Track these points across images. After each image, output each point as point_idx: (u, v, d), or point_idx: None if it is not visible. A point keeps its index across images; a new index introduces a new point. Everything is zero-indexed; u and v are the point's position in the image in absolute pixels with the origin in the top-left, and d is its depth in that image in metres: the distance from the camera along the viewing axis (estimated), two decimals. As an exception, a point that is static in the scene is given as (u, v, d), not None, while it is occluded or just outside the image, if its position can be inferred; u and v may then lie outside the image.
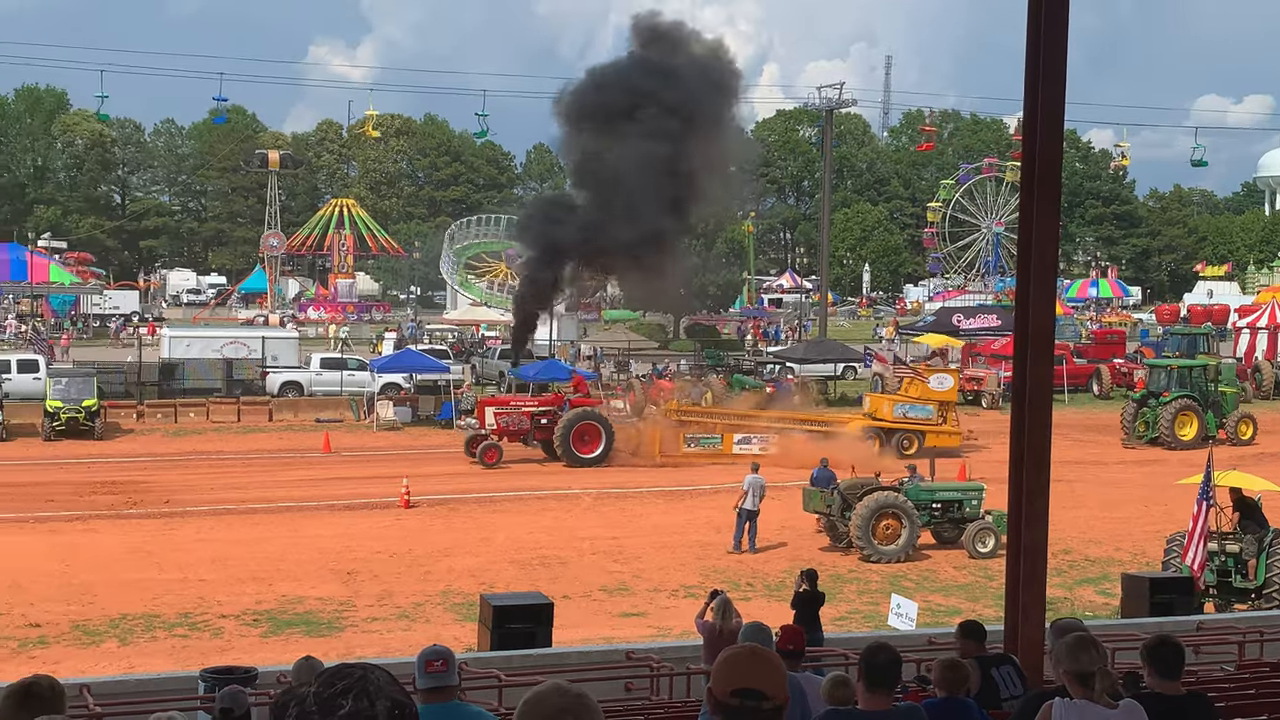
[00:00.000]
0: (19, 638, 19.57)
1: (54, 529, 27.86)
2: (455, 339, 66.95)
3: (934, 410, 40.23)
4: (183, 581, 23.10)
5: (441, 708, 5.65)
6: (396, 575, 24.02)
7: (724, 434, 39.25)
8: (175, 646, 19.37)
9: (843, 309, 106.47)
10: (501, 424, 37.98)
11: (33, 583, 22.65)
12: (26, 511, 29.45)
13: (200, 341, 51.52)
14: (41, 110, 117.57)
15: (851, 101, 77.80)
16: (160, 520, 29.02)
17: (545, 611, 15.61)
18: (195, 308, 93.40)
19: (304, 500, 31.50)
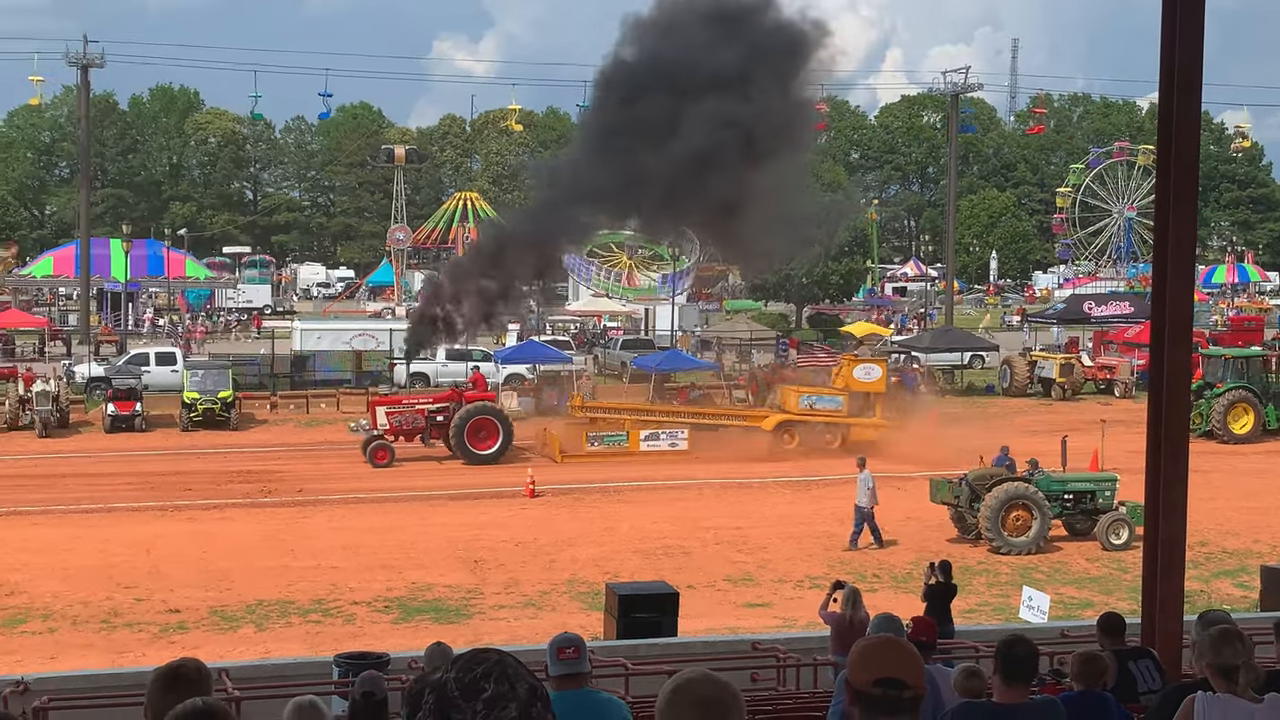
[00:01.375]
0: (160, 623, 20.18)
1: (192, 517, 28.67)
2: (577, 330, 67.34)
3: (843, 401, 38.40)
4: (316, 569, 23.61)
5: (574, 694, 5.68)
6: (522, 564, 24.26)
7: (630, 431, 37.69)
8: (309, 632, 19.81)
9: (969, 297, 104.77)
10: (394, 423, 36.60)
11: (172, 569, 23.35)
12: (166, 500, 30.37)
13: (330, 334, 52.57)
14: (175, 109, 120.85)
15: (977, 86, 76.54)
16: (293, 509, 29.69)
17: (670, 601, 15.63)
18: (325, 301, 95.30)
19: (432, 490, 31.98)
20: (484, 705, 2.79)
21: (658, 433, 37.63)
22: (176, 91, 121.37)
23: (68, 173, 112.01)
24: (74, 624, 20.10)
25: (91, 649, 18.72)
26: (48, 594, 21.59)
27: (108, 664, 17.37)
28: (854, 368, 39.84)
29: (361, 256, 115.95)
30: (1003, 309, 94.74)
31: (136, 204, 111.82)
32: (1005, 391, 50.44)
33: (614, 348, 56.13)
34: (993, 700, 5.97)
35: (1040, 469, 26.76)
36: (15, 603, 21.15)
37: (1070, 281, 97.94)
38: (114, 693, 11.86)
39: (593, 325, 69.67)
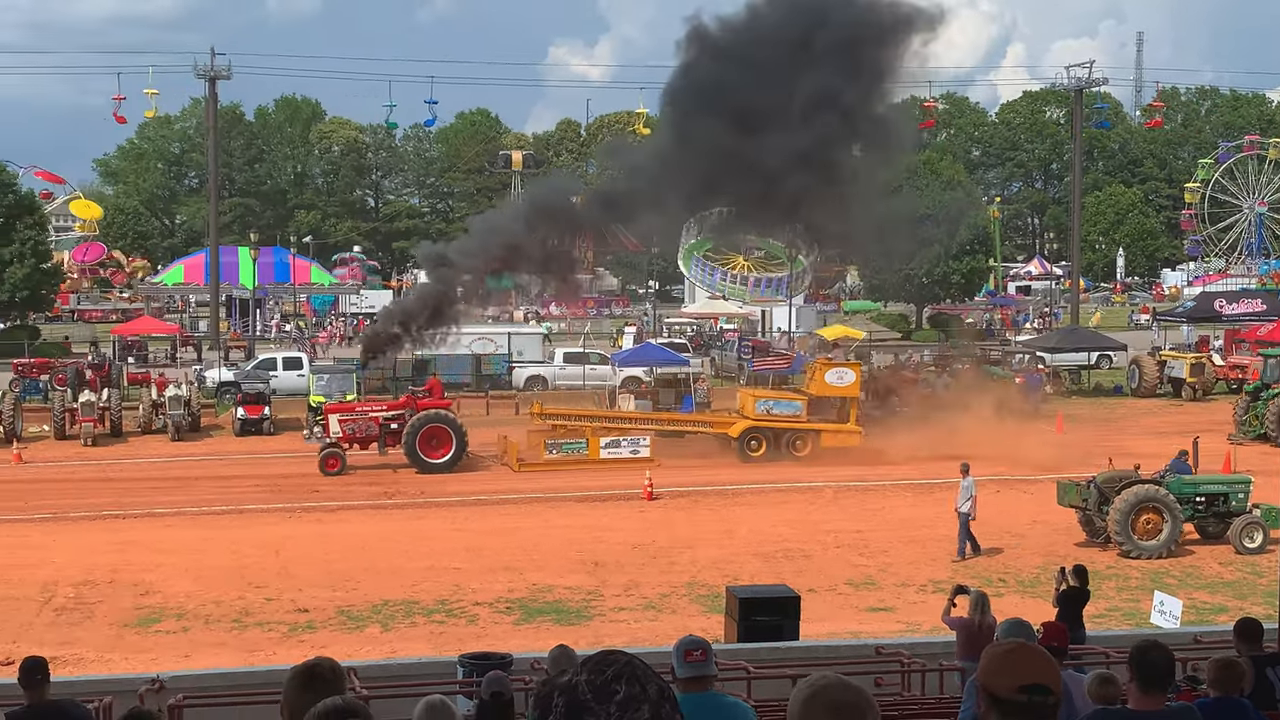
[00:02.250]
0: (289, 622, 20.59)
1: (319, 519, 29.23)
2: (694, 332, 67.35)
3: (801, 406, 37.09)
4: (438, 570, 23.90)
5: (700, 697, 5.65)
6: (641, 566, 24.29)
7: (590, 438, 36.52)
8: (433, 632, 20.06)
9: (1095, 295, 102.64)
10: (348, 431, 36.12)
11: (301, 570, 23.81)
12: (293, 502, 31.01)
13: (450, 338, 53.18)
14: (299, 119, 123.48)
15: (1101, 80, 74.92)
16: (416, 510, 30.13)
17: (792, 604, 15.52)
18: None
19: (551, 491, 32.18)
20: (617, 708, 2.79)
21: (619, 440, 36.46)
22: (300, 102, 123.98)
23: (196, 183, 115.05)
24: (207, 623, 20.60)
25: (224, 647, 19.16)
26: (181, 594, 22.17)
27: (240, 662, 17.78)
28: (826, 372, 38.22)
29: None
30: (1130, 307, 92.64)
31: (263, 212, 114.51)
32: (1134, 392, 49.26)
33: (731, 350, 55.97)
34: (1128, 707, 5.81)
35: (1185, 463, 26.12)
36: (150, 602, 21.74)
37: (1200, 279, 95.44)
38: (246, 691, 12.12)
39: (709, 327, 69.60)
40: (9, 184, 65.29)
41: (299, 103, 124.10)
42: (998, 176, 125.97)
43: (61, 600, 21.83)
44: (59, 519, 29.02)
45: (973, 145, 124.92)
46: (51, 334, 66.66)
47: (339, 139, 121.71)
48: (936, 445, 34.74)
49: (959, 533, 24.82)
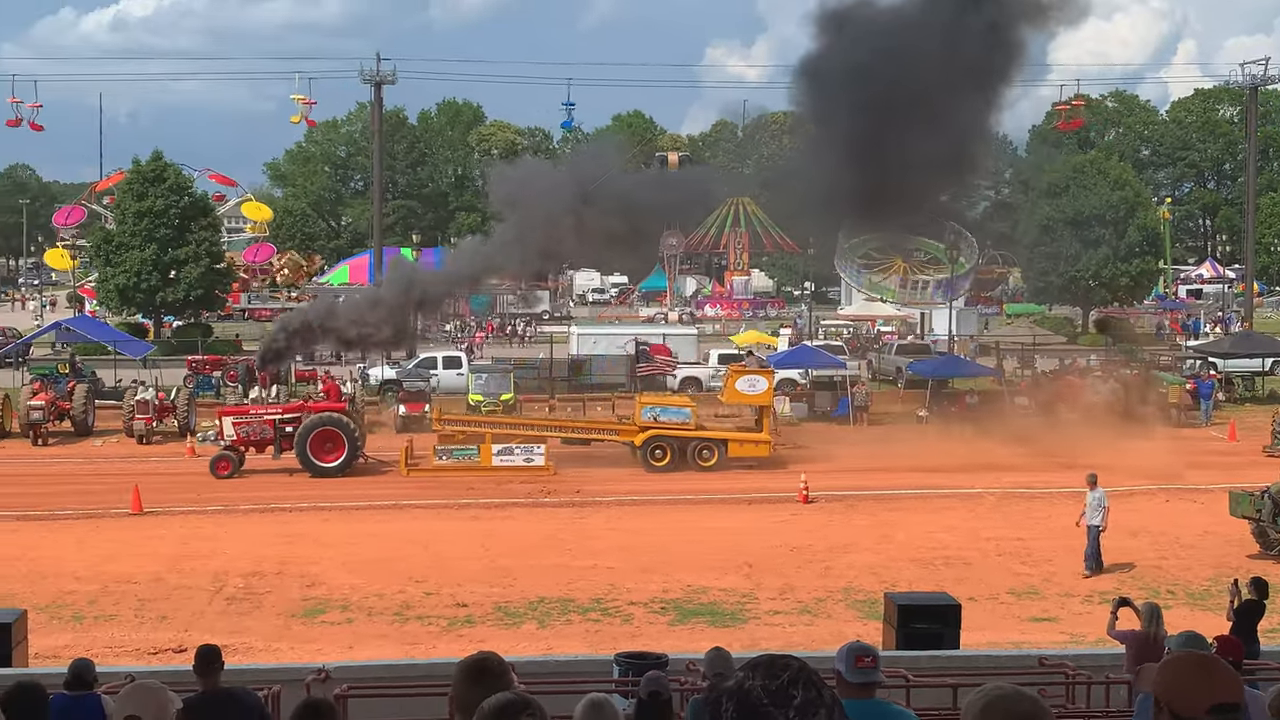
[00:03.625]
0: (449, 616, 20.92)
1: (475, 515, 29.68)
2: (851, 334, 66.68)
3: (690, 414, 36.08)
4: (594, 568, 24.05)
5: (865, 704, 5.54)
6: (797, 570, 24.11)
7: (481, 445, 35.48)
8: (589, 630, 20.18)
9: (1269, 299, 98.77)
10: (242, 434, 35.53)
11: (459, 565, 24.20)
12: (451, 498, 31.53)
13: (606, 338, 53.70)
14: (460, 122, 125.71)
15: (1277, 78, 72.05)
16: (572, 509, 30.37)
17: (952, 613, 15.22)
18: (600, 306, 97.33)
19: (705, 493, 32.15)
20: (796, 712, 2.80)
21: (512, 447, 35.52)
22: (461, 105, 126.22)
23: (361, 185, 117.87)
24: (369, 615, 21.05)
25: (386, 640, 19.57)
26: (345, 586, 22.70)
27: (401, 654, 18.15)
28: (737, 380, 37.18)
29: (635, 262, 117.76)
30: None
31: (424, 214, 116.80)
32: (1311, 400, 47.26)
33: (889, 353, 55.26)
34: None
35: None
36: (316, 594, 22.31)
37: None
38: (408, 683, 12.33)
39: (866, 330, 68.83)
40: (185, 187, 67.69)
41: (460, 106, 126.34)
42: (1168, 176, 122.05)
43: (232, 590, 22.54)
44: (229, 511, 29.99)
45: (1142, 144, 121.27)
46: (223, 332, 68.95)
47: (498, 142, 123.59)
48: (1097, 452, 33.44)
49: (1088, 547, 23.82)
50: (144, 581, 23.00)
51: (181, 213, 64.58)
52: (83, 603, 21.62)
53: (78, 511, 29.79)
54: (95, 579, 23.15)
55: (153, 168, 66.00)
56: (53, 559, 24.78)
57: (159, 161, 66.61)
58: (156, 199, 64.10)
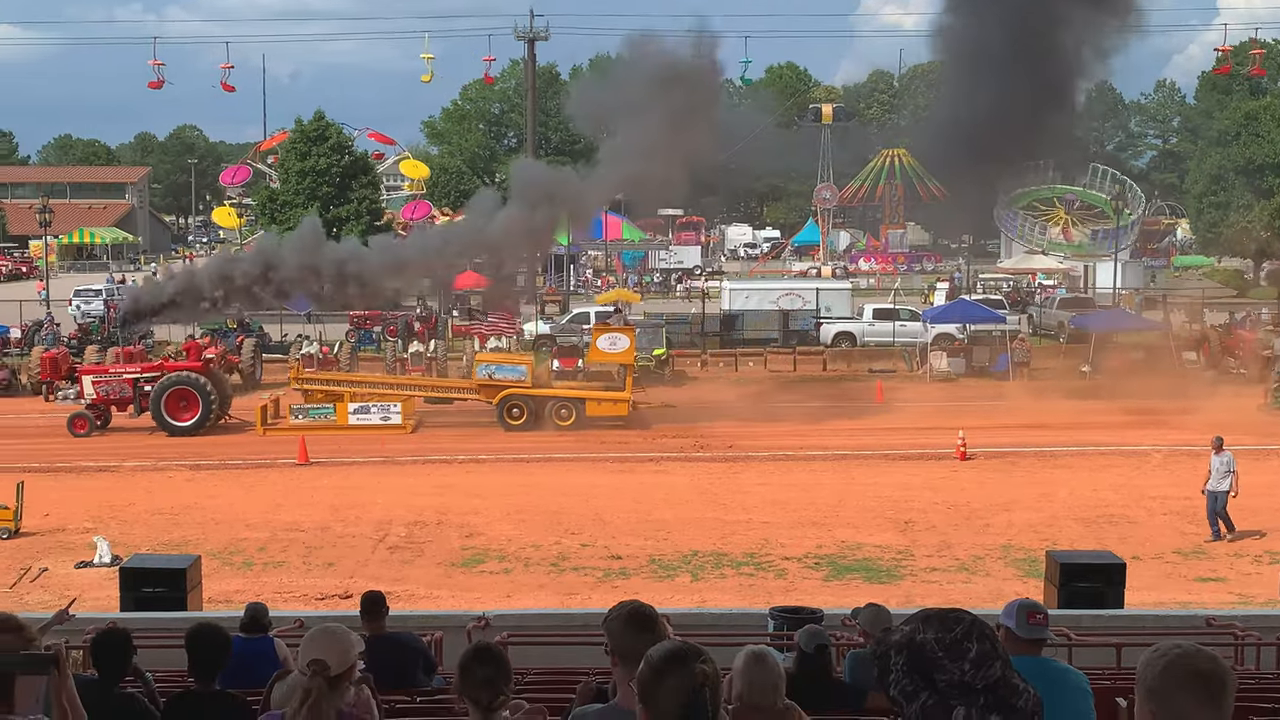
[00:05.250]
0: (603, 568, 21.16)
1: (629, 469, 29.90)
2: (1010, 288, 65.26)
3: (526, 371, 35.56)
4: (747, 523, 24.07)
5: (1034, 660, 5.45)
6: (954, 527, 23.79)
7: (337, 404, 35.23)
8: (742, 584, 20.22)
9: None
10: (101, 393, 35.42)
11: (613, 518, 24.44)
12: (606, 452, 31.81)
13: (758, 294, 53.47)
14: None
15: None
16: (724, 464, 30.40)
17: (1116, 571, 14.88)
18: (751, 261, 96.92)
19: (859, 449, 31.88)
20: (971, 665, 2.83)
21: (368, 406, 35.31)
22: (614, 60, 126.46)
23: (515, 142, 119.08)
24: (526, 566, 21.40)
25: (543, 590, 19.88)
26: (502, 537, 23.10)
27: (558, 604, 18.43)
28: (599, 337, 36.84)
29: (787, 217, 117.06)
30: None
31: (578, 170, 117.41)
32: None
33: (1050, 307, 53.97)
34: None
35: None
36: (474, 544, 22.75)
37: None
38: (564, 631, 12.51)
39: (1027, 283, 67.29)
40: (346, 146, 69.22)
41: (611, 62, 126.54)
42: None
43: (394, 539, 23.12)
44: (389, 463, 30.72)
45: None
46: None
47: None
48: None
49: (1211, 511, 22.72)
50: (310, 529, 23.74)
51: (343, 171, 66.08)
52: (253, 549, 22.40)
53: (248, 461, 30.84)
54: (265, 526, 23.97)
55: (315, 127, 67.62)
56: (225, 507, 25.73)
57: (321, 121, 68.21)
58: (319, 158, 65.72)
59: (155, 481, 28.81)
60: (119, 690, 6.29)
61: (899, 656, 2.96)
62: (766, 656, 4.86)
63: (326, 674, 4.57)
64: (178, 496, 26.95)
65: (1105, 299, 56.13)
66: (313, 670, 4.57)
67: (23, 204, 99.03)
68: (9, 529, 23.22)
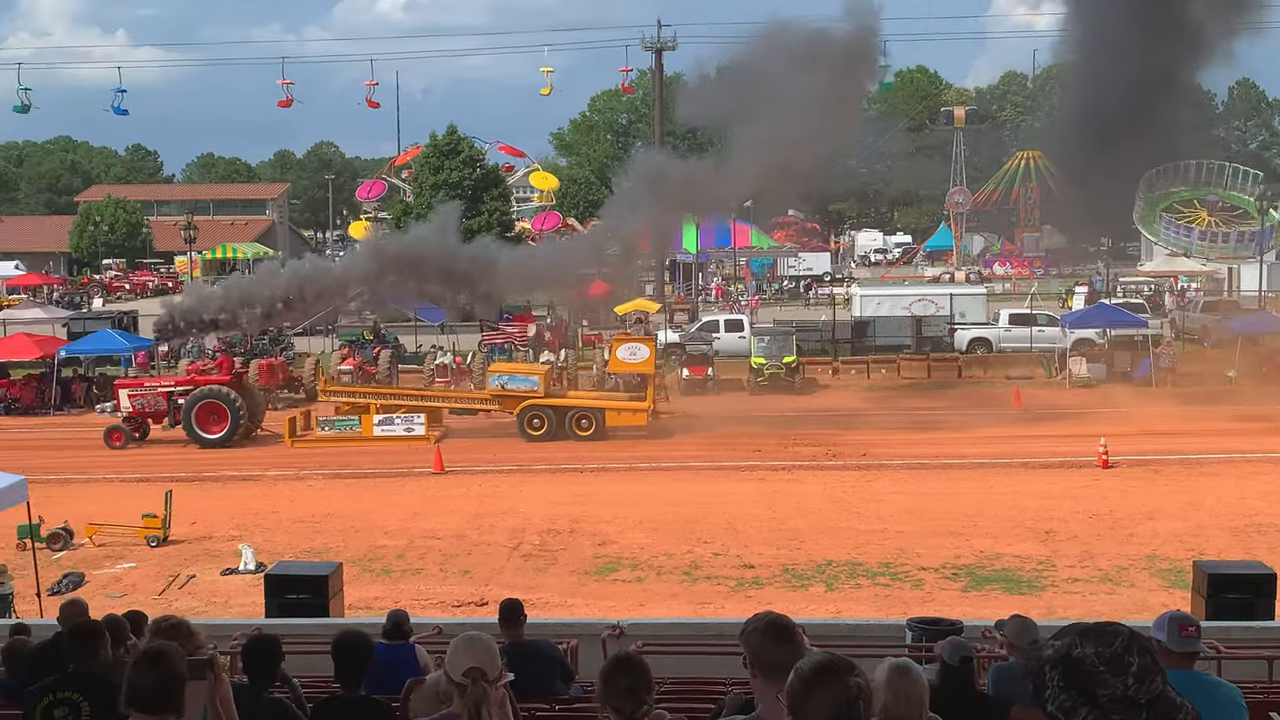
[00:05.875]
0: (736, 577, 21.09)
1: (762, 477, 29.76)
2: (1152, 292, 63.60)
3: (539, 381, 35.51)
4: (882, 532, 23.79)
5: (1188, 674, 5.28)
6: (1097, 536, 23.23)
7: (363, 416, 35.53)
8: (878, 594, 19.98)
9: None
10: (137, 406, 36.09)
11: (746, 527, 24.35)
12: (737, 460, 31.72)
13: (890, 300, 52.88)
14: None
15: None
16: (858, 472, 30.09)
17: (1266, 582, 14.39)
18: (882, 267, 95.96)
19: (996, 457, 31.30)
20: (1134, 679, 2.81)
21: (392, 418, 35.58)
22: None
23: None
24: (659, 574, 21.42)
25: (676, 599, 19.87)
26: (635, 545, 23.16)
27: (691, 613, 18.40)
28: (619, 347, 36.81)
29: (919, 221, 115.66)
30: None
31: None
32: None
33: (1194, 310, 52.45)
34: None
35: None
36: (607, 552, 22.85)
37: None
38: (699, 641, 12.48)
39: (1169, 286, 65.51)
40: (477, 159, 70.19)
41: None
42: None
43: (528, 547, 23.33)
44: (524, 470, 31.03)
45: None
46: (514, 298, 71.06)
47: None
48: None
49: None
50: (447, 537, 24.07)
51: (474, 184, 67.04)
52: (391, 556, 22.79)
53: (385, 470, 31.40)
54: (402, 534, 24.38)
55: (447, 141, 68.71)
56: (363, 515, 26.23)
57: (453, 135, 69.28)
58: (451, 171, 66.77)
59: (297, 490, 29.49)
60: (268, 695, 6.43)
61: (1054, 671, 2.92)
62: (911, 669, 4.79)
63: (485, 680, 4.62)
64: (318, 504, 27.56)
65: (1250, 302, 54.39)
66: (472, 678, 4.62)
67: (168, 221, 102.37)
68: (158, 537, 23.96)
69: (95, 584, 21.48)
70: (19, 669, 8.02)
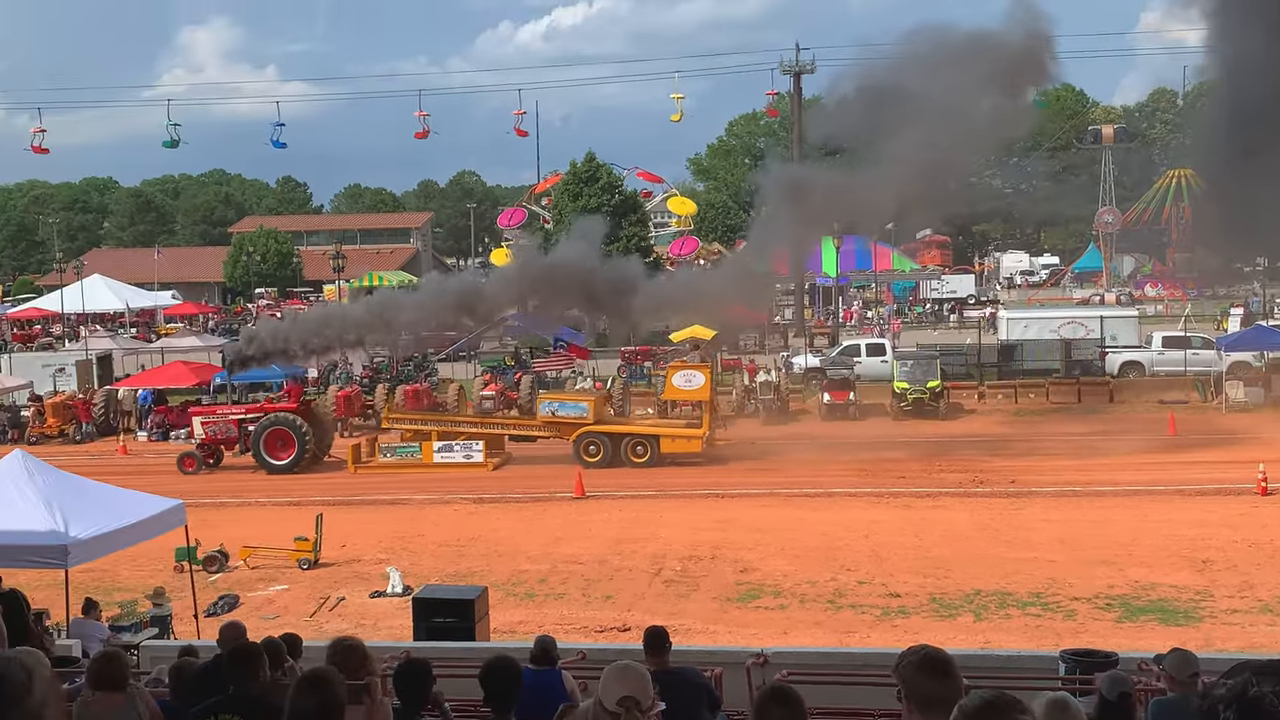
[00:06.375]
0: (881, 606, 20.77)
1: (907, 504, 29.30)
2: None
3: (588, 408, 35.94)
4: (1032, 561, 23.23)
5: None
6: (1256, 566, 22.39)
7: (424, 444, 36.12)
8: (1029, 625, 19.51)
9: None
10: (210, 433, 36.92)
11: (891, 554, 23.98)
12: (881, 486, 31.27)
13: (1037, 323, 51.77)
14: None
15: None
16: (1006, 499, 29.45)
17: None
18: (1029, 289, 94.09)
19: (1150, 484, 30.38)
20: None
21: (452, 444, 36.13)
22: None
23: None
24: (802, 602, 21.20)
25: (820, 627, 19.64)
26: (778, 572, 22.97)
27: (835, 642, 18.17)
28: (675, 375, 37.24)
29: (1066, 242, 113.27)
30: None
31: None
32: None
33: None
34: None
35: None
36: (750, 579, 22.70)
37: None
38: (845, 671, 12.29)
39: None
40: (615, 185, 70.73)
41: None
42: None
43: (669, 573, 23.30)
44: (665, 496, 31.02)
45: None
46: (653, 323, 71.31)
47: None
48: None
49: None
50: (588, 562, 24.17)
51: (613, 210, 67.49)
52: (534, 581, 22.96)
53: (526, 495, 31.69)
54: (545, 559, 24.54)
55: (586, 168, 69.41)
56: (506, 539, 26.49)
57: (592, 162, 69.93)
58: (590, 198, 67.40)
59: (442, 514, 29.92)
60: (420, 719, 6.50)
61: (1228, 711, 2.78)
62: (1069, 704, 4.65)
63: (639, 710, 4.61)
64: (462, 529, 27.90)
65: None
66: (626, 707, 4.60)
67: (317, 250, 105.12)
68: (309, 560, 24.50)
69: (249, 605, 22.04)
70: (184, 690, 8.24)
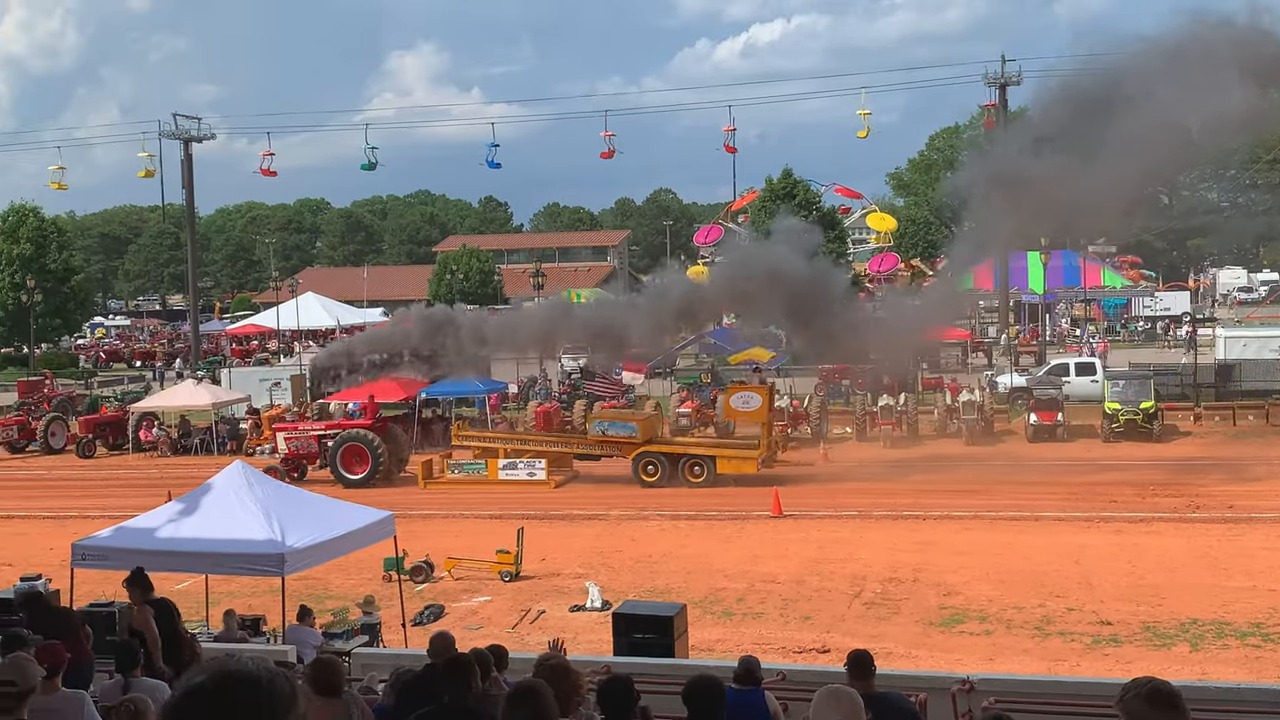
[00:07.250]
0: (1091, 634, 20.06)
1: (1118, 529, 28.28)
2: None
3: (637, 428, 36.27)
4: (1252, 590, 22.18)
5: None
6: None
7: (489, 460, 37.01)
8: (1248, 656, 18.63)
9: None
10: (292, 448, 38.17)
11: (1101, 581, 23.17)
12: (1090, 510, 30.28)
13: (1257, 341, 49.47)
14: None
15: None
16: (1224, 525, 28.20)
17: None
18: (1247, 306, 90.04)
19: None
20: None
21: (515, 462, 36.91)
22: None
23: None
24: (1008, 628, 20.62)
25: (1027, 654, 19.07)
26: (983, 597, 22.40)
27: (1043, 670, 17.62)
28: (732, 396, 37.71)
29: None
30: None
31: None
32: None
33: None
34: None
35: None
36: (953, 603, 22.19)
37: None
38: (1054, 700, 11.90)
39: None
40: (813, 202, 70.33)
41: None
42: None
43: (870, 595, 22.95)
44: (864, 516, 30.61)
45: None
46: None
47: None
48: None
49: None
50: (786, 582, 23.98)
51: (811, 227, 67.03)
52: (731, 599, 22.88)
53: (723, 513, 31.65)
54: (742, 577, 24.44)
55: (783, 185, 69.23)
56: (702, 556, 26.48)
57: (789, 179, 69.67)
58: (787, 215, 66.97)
59: (639, 530, 30.10)
60: (625, 736, 6.51)
61: None
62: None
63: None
64: (657, 545, 28.01)
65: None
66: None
67: (517, 268, 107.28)
68: (511, 572, 24.92)
69: (454, 615, 22.52)
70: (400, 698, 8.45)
